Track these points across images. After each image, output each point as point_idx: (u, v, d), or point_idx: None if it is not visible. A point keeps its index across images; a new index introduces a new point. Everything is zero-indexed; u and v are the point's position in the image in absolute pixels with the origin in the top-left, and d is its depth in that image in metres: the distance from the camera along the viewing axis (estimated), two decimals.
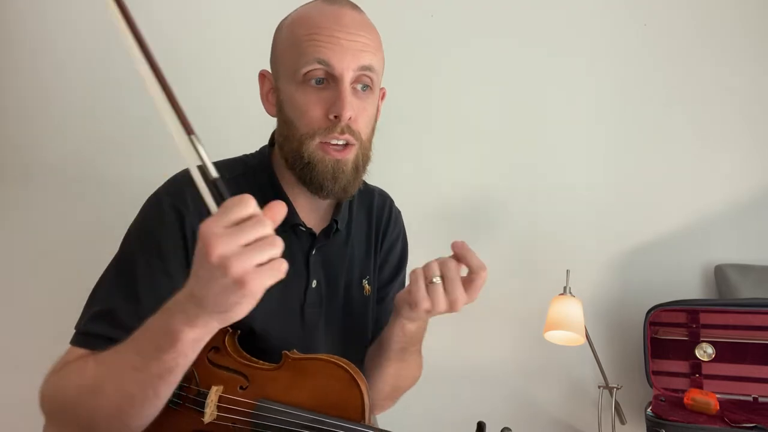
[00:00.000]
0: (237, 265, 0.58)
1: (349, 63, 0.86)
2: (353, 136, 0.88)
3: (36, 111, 1.72)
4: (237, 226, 0.60)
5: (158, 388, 0.71)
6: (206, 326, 0.66)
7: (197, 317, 0.64)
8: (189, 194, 0.88)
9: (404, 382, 1.03)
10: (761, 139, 1.76)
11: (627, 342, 1.77)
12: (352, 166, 0.90)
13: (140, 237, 0.89)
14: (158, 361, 0.68)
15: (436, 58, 1.80)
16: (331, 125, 0.87)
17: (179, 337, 0.66)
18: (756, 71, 1.76)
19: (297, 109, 0.88)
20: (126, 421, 0.75)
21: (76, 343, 0.84)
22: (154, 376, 0.70)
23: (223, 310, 0.63)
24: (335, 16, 0.87)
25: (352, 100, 0.86)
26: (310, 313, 0.97)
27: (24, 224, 1.72)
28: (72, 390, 0.77)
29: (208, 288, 0.61)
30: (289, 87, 0.89)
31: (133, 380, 0.71)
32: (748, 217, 1.75)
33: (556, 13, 1.80)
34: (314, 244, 0.96)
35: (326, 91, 0.87)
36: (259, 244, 0.60)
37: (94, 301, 0.86)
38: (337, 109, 0.86)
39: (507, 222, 1.81)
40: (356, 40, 0.87)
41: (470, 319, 1.81)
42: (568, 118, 1.81)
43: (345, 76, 0.86)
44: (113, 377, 0.73)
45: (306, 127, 0.88)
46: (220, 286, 0.60)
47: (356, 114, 0.88)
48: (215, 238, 0.58)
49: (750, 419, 1.44)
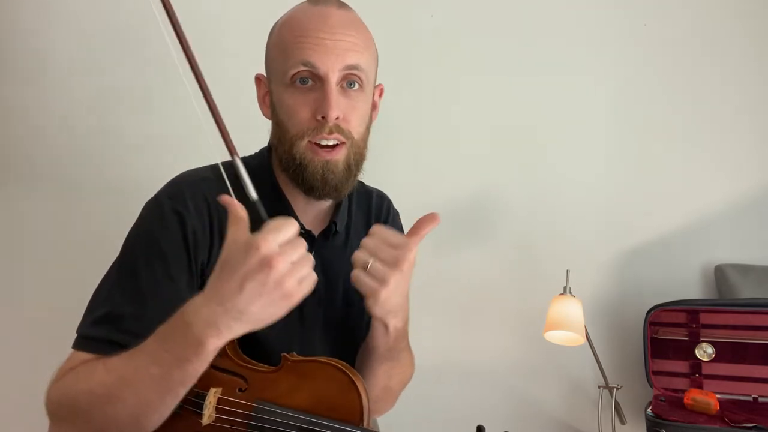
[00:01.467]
0: (290, 281, 0.67)
1: (333, 63, 0.86)
2: (342, 134, 0.88)
3: (37, 113, 1.72)
4: (289, 244, 0.68)
5: (179, 392, 0.74)
6: (234, 333, 0.70)
7: (229, 328, 0.69)
8: (189, 197, 0.88)
9: (396, 382, 1.02)
10: (761, 139, 1.76)
11: (627, 342, 1.77)
12: (343, 166, 0.90)
13: (142, 240, 0.89)
14: (181, 371, 0.71)
15: (436, 58, 1.80)
16: (318, 125, 0.87)
17: (206, 348, 0.69)
18: (756, 71, 1.76)
19: (286, 110, 0.89)
20: (143, 424, 0.76)
21: (80, 347, 0.84)
22: (176, 383, 0.72)
23: (263, 319, 0.70)
24: (321, 16, 0.88)
25: (338, 100, 0.87)
26: (310, 315, 0.97)
27: (24, 226, 1.72)
28: (83, 396, 0.77)
29: (258, 301, 0.67)
30: (279, 89, 0.90)
31: (152, 389, 0.73)
32: (748, 217, 1.75)
33: (556, 13, 1.80)
34: (313, 246, 0.96)
35: (313, 92, 0.87)
36: (302, 261, 0.69)
37: (96, 304, 0.86)
38: (324, 110, 0.86)
39: (507, 222, 1.81)
40: (342, 40, 0.87)
41: (470, 319, 1.82)
42: (568, 118, 1.80)
43: (330, 77, 0.86)
44: (130, 386, 0.74)
45: (295, 128, 0.88)
46: (270, 299, 0.67)
47: (345, 113, 0.88)
48: (276, 256, 0.66)
49: (750, 419, 1.44)
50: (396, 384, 1.02)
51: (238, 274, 0.67)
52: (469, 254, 1.81)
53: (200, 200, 0.89)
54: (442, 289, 1.79)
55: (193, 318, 0.69)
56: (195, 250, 0.87)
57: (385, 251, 0.82)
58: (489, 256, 1.81)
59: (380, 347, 0.93)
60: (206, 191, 0.89)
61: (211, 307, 0.68)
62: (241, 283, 0.66)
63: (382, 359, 0.96)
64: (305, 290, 0.69)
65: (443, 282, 1.79)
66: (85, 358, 0.82)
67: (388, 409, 1.06)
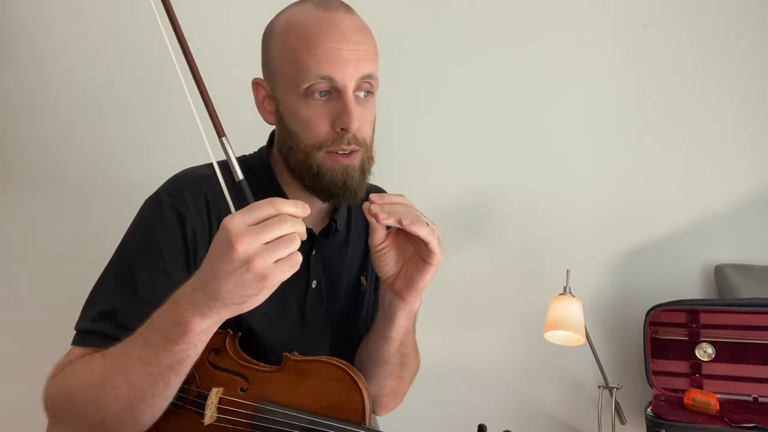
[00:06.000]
0: (259, 262, 0.63)
1: (351, 74, 0.85)
2: (359, 144, 0.88)
3: (37, 113, 1.72)
4: (260, 225, 0.64)
5: (169, 379, 0.72)
6: (217, 316, 0.68)
7: (210, 308, 0.67)
8: (189, 194, 0.88)
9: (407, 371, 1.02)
10: (761, 139, 1.76)
11: (627, 342, 1.77)
12: (359, 171, 0.90)
13: (140, 237, 0.89)
14: (168, 353, 0.70)
15: (436, 58, 1.80)
16: (338, 137, 0.86)
17: (190, 328, 0.68)
18: (756, 71, 1.76)
19: (301, 121, 0.87)
20: (137, 415, 0.76)
21: (78, 342, 0.84)
22: (165, 368, 0.71)
23: (238, 302, 0.67)
24: (332, 24, 0.85)
25: (358, 111, 0.86)
26: (311, 314, 0.97)
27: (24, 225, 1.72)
28: (79, 388, 0.77)
29: (227, 281, 0.65)
30: (289, 99, 0.88)
31: (143, 373, 0.72)
32: (748, 217, 1.75)
33: (556, 13, 1.80)
34: (314, 245, 0.96)
35: (330, 103, 0.86)
36: (279, 242, 0.65)
37: (94, 300, 0.86)
38: (345, 123, 0.85)
39: (507, 222, 1.81)
40: (356, 49, 0.85)
41: (470, 319, 1.82)
42: (568, 118, 1.80)
43: (348, 88, 0.85)
44: (122, 371, 0.73)
45: (312, 138, 0.87)
46: (239, 280, 0.64)
47: (361, 123, 0.87)
48: (240, 236, 0.63)
49: (750, 419, 1.44)
50: (407, 373, 1.02)
51: (211, 254, 0.67)
52: (469, 254, 1.81)
53: (200, 198, 0.89)
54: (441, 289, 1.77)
55: (181, 297, 0.69)
56: (194, 247, 0.87)
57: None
58: (489, 256, 1.81)
59: (399, 335, 0.93)
60: (206, 189, 0.89)
61: (195, 287, 0.68)
62: (212, 264, 0.66)
63: (399, 347, 0.95)
64: (285, 272, 0.66)
65: (443, 282, 1.77)
66: (83, 353, 0.82)
67: (398, 404, 1.05)
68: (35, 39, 1.72)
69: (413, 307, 0.90)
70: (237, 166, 0.71)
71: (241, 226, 0.64)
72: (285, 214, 0.65)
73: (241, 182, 0.71)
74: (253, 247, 0.63)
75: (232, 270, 0.64)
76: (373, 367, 0.98)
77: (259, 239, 0.63)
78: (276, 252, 0.64)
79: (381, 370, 0.98)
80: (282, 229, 0.65)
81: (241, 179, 0.70)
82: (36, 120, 1.72)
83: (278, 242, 0.65)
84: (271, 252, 0.64)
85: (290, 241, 0.65)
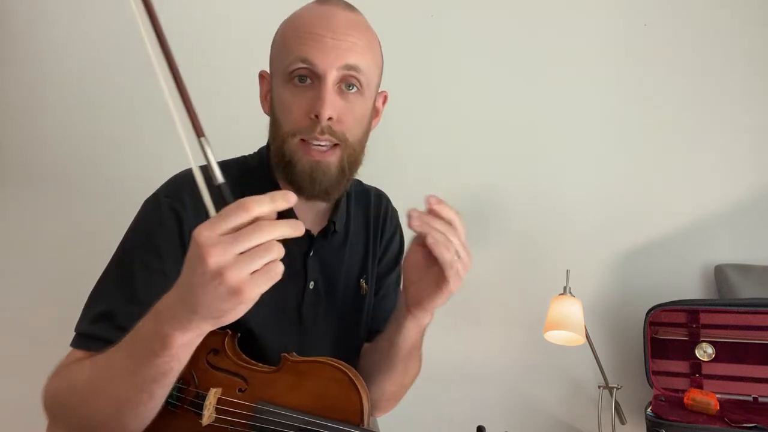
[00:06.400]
0: (232, 275, 0.58)
1: (332, 61, 0.84)
2: (335, 136, 0.86)
3: (36, 113, 1.72)
4: (232, 234, 0.59)
5: (153, 390, 0.71)
6: (198, 329, 0.65)
7: (189, 322, 0.64)
8: (187, 196, 0.88)
9: (409, 378, 1.02)
10: (761, 139, 1.76)
11: (627, 342, 1.77)
12: (336, 169, 0.88)
13: (138, 238, 0.89)
14: (151, 365, 0.68)
15: (436, 58, 1.80)
16: (311, 124, 0.85)
17: (171, 341, 0.65)
18: (756, 71, 1.76)
19: (282, 107, 0.88)
20: (124, 422, 0.75)
21: (77, 345, 0.84)
22: (148, 380, 0.69)
23: (216, 316, 0.62)
24: (325, 16, 0.87)
25: (334, 100, 0.85)
26: (308, 314, 0.97)
27: (24, 225, 1.72)
28: (72, 392, 0.77)
29: (202, 295, 0.60)
30: (278, 85, 0.89)
31: (127, 384, 0.71)
32: (748, 217, 1.75)
33: (556, 13, 1.80)
34: (312, 246, 0.96)
35: (310, 90, 0.86)
36: (254, 252, 0.59)
37: (93, 302, 0.87)
38: (317, 108, 0.84)
39: (507, 222, 1.81)
40: (343, 39, 0.86)
41: (470, 319, 1.81)
42: (568, 118, 1.80)
43: (328, 75, 0.84)
44: (109, 380, 0.73)
45: (288, 125, 0.87)
46: (214, 294, 0.59)
47: (339, 114, 0.86)
48: (210, 248, 0.58)
49: (750, 419, 1.44)
50: (409, 380, 1.02)
51: (185, 266, 0.63)
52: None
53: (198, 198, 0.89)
54: None
55: (163, 308, 0.66)
56: None
57: (464, 248, 0.80)
58: (489, 256, 1.81)
59: (406, 345, 0.92)
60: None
61: (175, 299, 0.65)
62: (187, 277, 0.62)
63: (404, 357, 0.95)
64: (262, 285, 0.59)
65: None
66: (81, 356, 0.82)
67: (395, 406, 1.05)
68: (35, 39, 1.72)
69: (422, 321, 0.89)
70: (216, 167, 0.65)
71: (212, 237, 0.58)
72: (262, 221, 0.60)
73: (221, 185, 0.64)
74: (225, 259, 0.58)
75: (204, 283, 0.59)
76: (377, 373, 0.98)
77: (231, 250, 0.58)
78: (251, 263, 0.58)
79: (384, 377, 0.98)
80: (257, 238, 0.59)
81: (221, 182, 0.64)
82: (36, 120, 1.72)
83: (254, 252, 0.59)
84: (245, 263, 0.58)
85: (266, 251, 0.59)
